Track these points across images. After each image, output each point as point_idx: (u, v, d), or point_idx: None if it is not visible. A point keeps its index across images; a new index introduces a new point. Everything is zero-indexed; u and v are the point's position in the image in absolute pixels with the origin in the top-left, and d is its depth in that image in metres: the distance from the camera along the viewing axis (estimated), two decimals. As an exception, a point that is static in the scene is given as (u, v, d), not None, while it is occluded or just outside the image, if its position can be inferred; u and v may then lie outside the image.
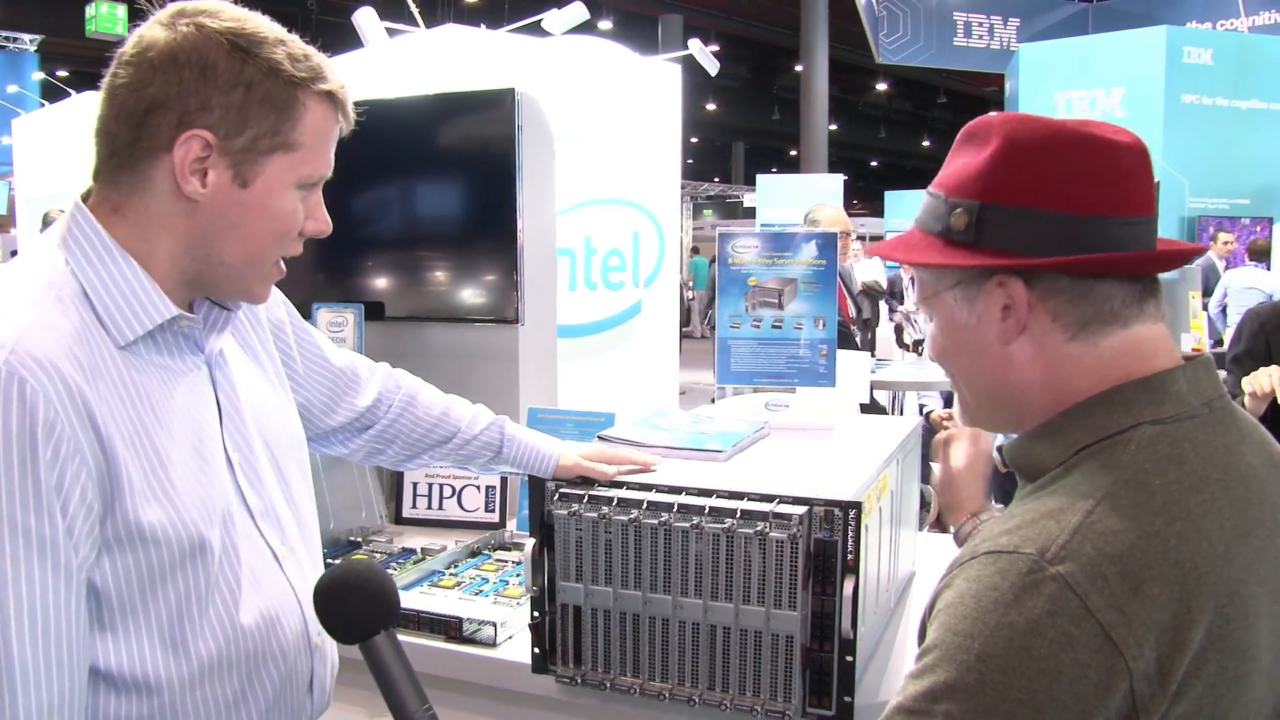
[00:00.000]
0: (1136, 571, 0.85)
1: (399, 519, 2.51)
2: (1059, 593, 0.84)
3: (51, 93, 17.10)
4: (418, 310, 2.69)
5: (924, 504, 5.30)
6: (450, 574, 2.08)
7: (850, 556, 1.42)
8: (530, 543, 1.58)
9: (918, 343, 13.23)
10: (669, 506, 1.48)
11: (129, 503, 1.07)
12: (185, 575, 1.12)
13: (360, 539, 2.35)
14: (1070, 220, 0.95)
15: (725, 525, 1.45)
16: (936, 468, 1.73)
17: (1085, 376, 0.98)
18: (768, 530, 1.43)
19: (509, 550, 2.24)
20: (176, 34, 1.10)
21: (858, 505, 1.42)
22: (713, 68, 6.82)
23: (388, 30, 5.60)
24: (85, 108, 8.65)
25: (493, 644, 1.76)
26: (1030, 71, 9.62)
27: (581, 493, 1.54)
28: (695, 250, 22.15)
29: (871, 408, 4.51)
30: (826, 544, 1.42)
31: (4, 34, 18.74)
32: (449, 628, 1.80)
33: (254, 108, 1.12)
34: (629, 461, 1.64)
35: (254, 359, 1.36)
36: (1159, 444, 0.93)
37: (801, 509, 1.43)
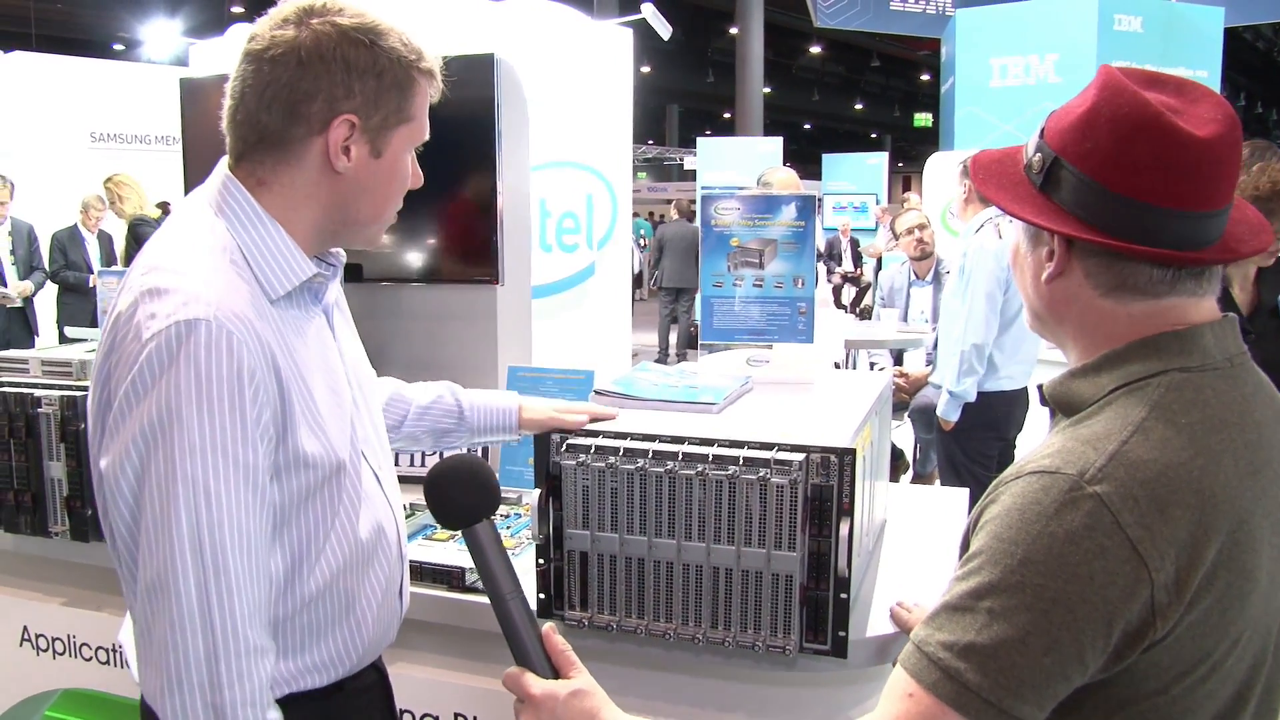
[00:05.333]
0: (1163, 495, 0.96)
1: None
2: (1095, 509, 0.95)
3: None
4: (396, 272, 2.72)
5: (896, 455, 5.47)
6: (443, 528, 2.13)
7: (845, 500, 1.51)
8: (536, 493, 1.65)
9: (854, 302, 13.48)
10: (674, 455, 1.56)
11: (297, 434, 1.25)
12: (326, 492, 1.32)
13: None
14: (1112, 197, 1.02)
15: (729, 472, 1.53)
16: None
17: (1116, 327, 1.07)
18: (769, 476, 1.51)
19: (496, 505, 2.30)
20: (315, 32, 1.26)
21: (852, 452, 1.51)
22: (665, 32, 6.83)
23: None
24: None
25: (495, 592, 1.83)
26: (967, 37, 9.76)
27: (589, 443, 1.61)
28: (635, 214, 22.19)
29: (826, 365, 4.67)
30: (823, 488, 1.51)
31: None
32: (452, 578, 1.86)
33: (385, 92, 1.31)
34: (590, 413, 1.73)
35: (343, 312, 1.53)
36: (1185, 389, 1.03)
37: (800, 456, 1.51)
